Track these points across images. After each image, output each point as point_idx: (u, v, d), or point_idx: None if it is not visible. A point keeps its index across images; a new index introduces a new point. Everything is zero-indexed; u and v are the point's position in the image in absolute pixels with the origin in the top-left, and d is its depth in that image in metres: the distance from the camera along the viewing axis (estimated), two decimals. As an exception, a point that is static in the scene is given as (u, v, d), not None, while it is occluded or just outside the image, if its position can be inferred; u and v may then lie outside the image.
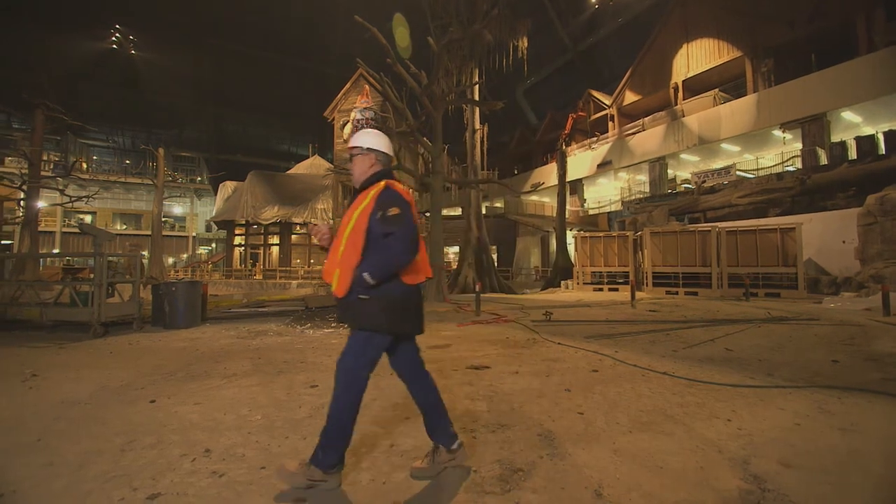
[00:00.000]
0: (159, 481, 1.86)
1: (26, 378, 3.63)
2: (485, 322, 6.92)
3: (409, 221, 1.79)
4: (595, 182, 31.12)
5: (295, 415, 2.70)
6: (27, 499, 1.73)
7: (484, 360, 4.18)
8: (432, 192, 12.40)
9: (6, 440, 2.32)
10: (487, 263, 16.97)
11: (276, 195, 24.16)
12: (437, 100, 12.05)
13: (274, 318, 7.64)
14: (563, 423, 2.50)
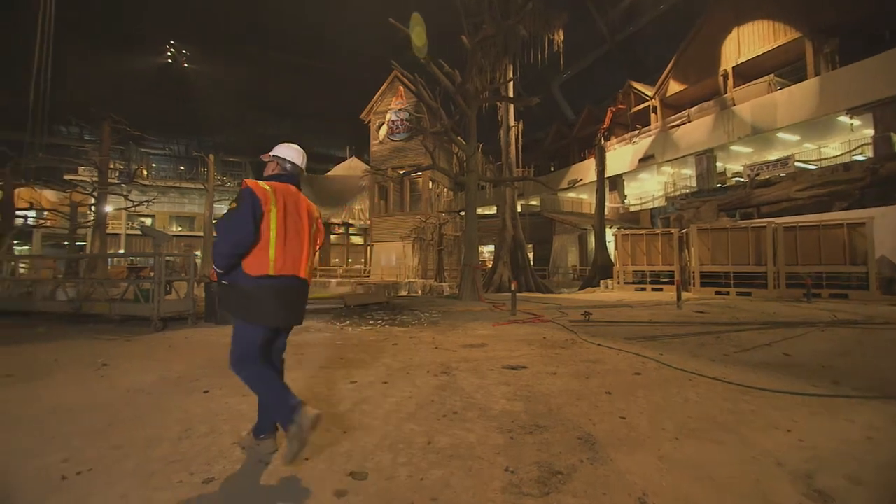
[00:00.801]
0: (213, 467, 1.99)
1: (98, 367, 3.98)
2: (521, 322, 6.83)
3: (231, 213, 1.95)
4: (636, 177, 29.89)
5: (335, 408, 2.79)
6: (102, 477, 1.90)
7: (521, 360, 4.13)
8: (467, 190, 12.38)
9: (83, 423, 2.56)
10: (523, 262, 16.74)
11: (316, 196, 25.03)
12: (470, 98, 12.01)
13: (315, 315, 7.93)
14: (604, 427, 2.42)
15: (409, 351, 4.64)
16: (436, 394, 3.07)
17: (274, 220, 1.98)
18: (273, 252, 1.98)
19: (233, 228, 1.94)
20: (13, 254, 19.07)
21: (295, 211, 2.10)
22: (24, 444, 2.26)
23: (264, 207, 1.97)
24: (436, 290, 15.85)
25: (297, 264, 2.09)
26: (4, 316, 7.47)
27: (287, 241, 2.03)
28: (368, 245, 23.98)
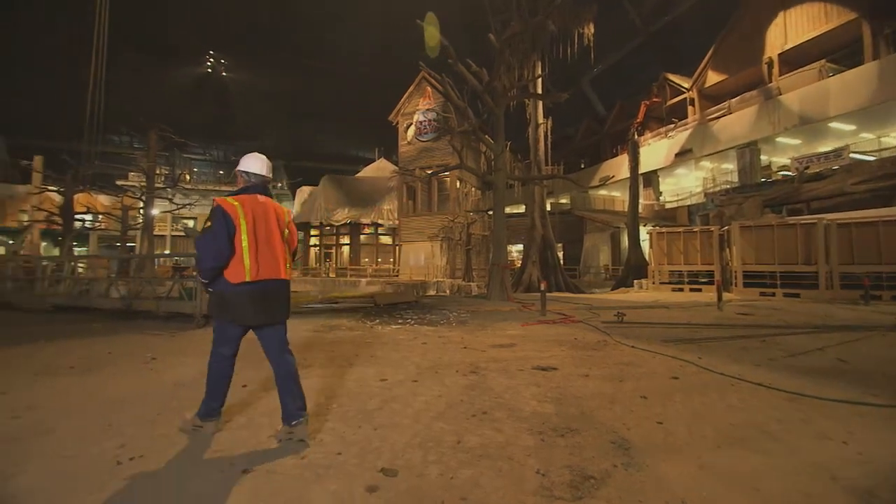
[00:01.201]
0: (252, 458, 2.07)
1: (147, 361, 4.24)
2: (551, 322, 6.72)
3: (206, 231, 2.19)
4: (672, 173, 28.70)
5: (366, 405, 2.84)
6: (152, 463, 2.02)
7: (551, 360, 4.06)
8: (495, 190, 12.29)
9: (135, 413, 2.73)
10: (553, 262, 16.45)
11: (347, 197, 25.59)
12: (498, 96, 11.92)
13: (346, 313, 8.11)
14: (639, 432, 2.34)
15: (438, 350, 4.66)
16: (465, 393, 3.07)
17: (245, 232, 2.21)
18: (248, 261, 2.21)
19: (210, 245, 2.17)
20: (73, 254, 20.62)
21: (264, 219, 2.30)
22: (86, 431, 2.43)
23: (235, 223, 2.19)
24: (464, 290, 15.85)
25: (275, 268, 2.30)
26: (66, 311, 8.09)
27: (259, 249, 2.24)
28: (397, 245, 24.27)
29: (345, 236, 26.53)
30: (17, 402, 2.96)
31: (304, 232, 28.97)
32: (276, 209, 2.41)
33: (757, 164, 22.30)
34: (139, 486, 1.82)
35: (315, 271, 26.16)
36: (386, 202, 25.15)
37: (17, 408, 2.83)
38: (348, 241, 26.40)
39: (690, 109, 26.92)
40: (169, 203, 22.53)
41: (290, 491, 1.77)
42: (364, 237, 26.47)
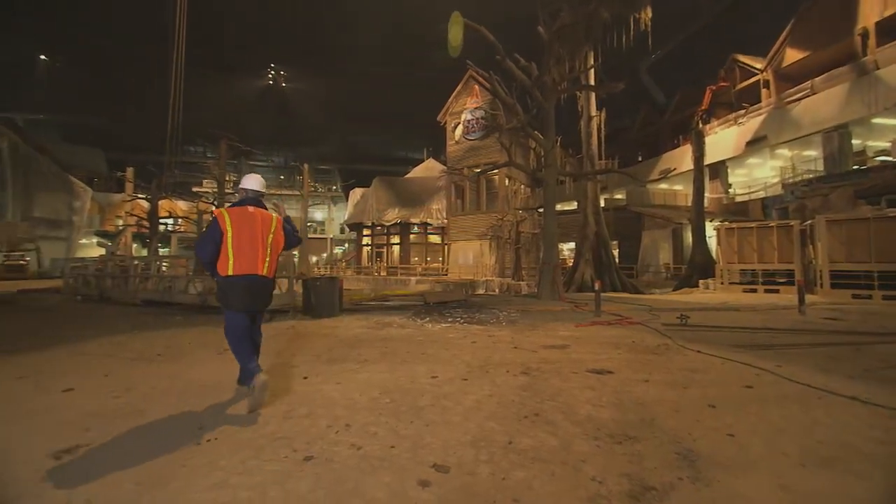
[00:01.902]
0: (312, 446, 2.19)
1: (221, 352, 4.63)
2: (606, 323, 6.43)
3: (202, 235, 2.94)
4: (743, 163, 26.29)
5: (418, 402, 2.89)
6: (225, 445, 2.21)
7: (607, 364, 3.89)
8: (545, 186, 11.99)
9: (210, 398, 3.00)
10: (607, 260, 15.73)
11: (397, 198, 26.24)
12: (548, 90, 11.60)
13: (397, 311, 8.32)
14: (707, 444, 2.18)
15: (487, 349, 4.64)
16: (516, 394, 3.03)
17: (230, 238, 2.85)
18: (232, 260, 2.85)
19: (201, 246, 2.96)
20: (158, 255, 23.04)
21: (248, 226, 2.92)
22: (170, 412, 2.72)
23: (222, 229, 2.85)
24: (513, 289, 15.63)
25: (253, 265, 2.91)
26: (153, 305, 9.06)
27: (241, 251, 2.87)
28: (446, 244, 24.48)
29: (395, 236, 27.22)
30: (117, 384, 3.36)
31: (357, 232, 30.12)
32: (264, 219, 3.03)
33: (847, 150, 19.78)
34: (213, 467, 1.99)
35: (367, 270, 27.11)
36: (435, 202, 25.45)
37: (117, 389, 3.23)
38: (398, 241, 27.05)
39: (764, 93, 24.46)
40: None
41: (348, 481, 1.84)
42: (414, 236, 26.98)
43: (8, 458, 2.09)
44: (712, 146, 23.89)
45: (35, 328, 6.48)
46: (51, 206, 26.35)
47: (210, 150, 45.15)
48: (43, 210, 25.88)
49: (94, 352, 4.62)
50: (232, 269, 2.85)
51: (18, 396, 3.09)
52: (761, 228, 12.24)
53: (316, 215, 47.59)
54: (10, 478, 1.90)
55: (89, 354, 4.50)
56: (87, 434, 2.36)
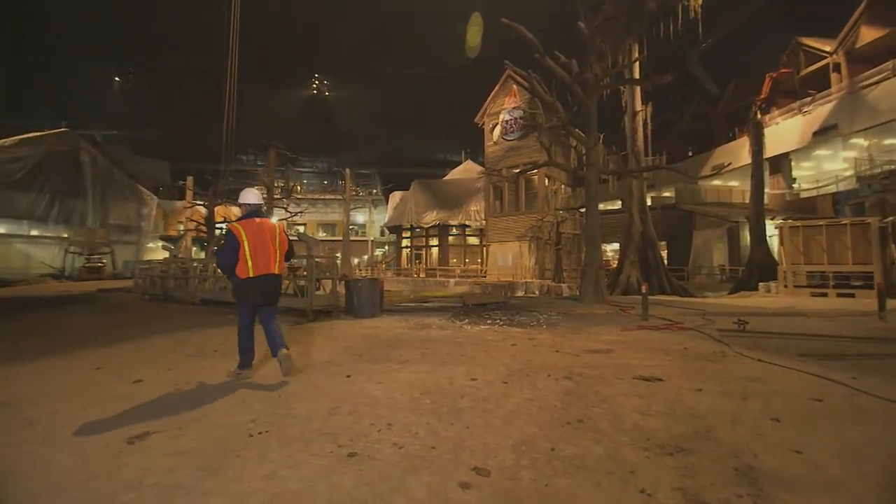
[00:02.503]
0: (356, 443, 2.25)
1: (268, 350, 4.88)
2: (654, 328, 6.12)
3: (222, 246, 3.51)
4: (809, 155, 24.09)
5: (458, 403, 2.89)
6: (275, 439, 2.32)
7: (655, 370, 3.70)
8: (587, 185, 11.62)
9: (262, 393, 3.16)
10: (655, 261, 14.98)
11: (435, 200, 26.46)
12: (589, 87, 11.25)
13: (436, 312, 8.38)
14: (770, 461, 2.01)
15: (528, 352, 4.56)
16: (558, 399, 2.95)
17: (247, 247, 3.39)
18: (250, 263, 3.39)
19: (223, 256, 3.48)
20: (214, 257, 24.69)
21: (259, 234, 3.46)
22: (226, 406, 2.90)
23: (239, 240, 3.39)
24: (554, 291, 15.27)
25: (268, 266, 3.47)
26: (209, 304, 9.71)
27: (256, 255, 3.41)
28: (484, 245, 24.36)
29: (434, 238, 27.46)
30: (179, 377, 3.63)
31: (397, 234, 30.70)
32: (269, 226, 3.58)
33: (937, 137, 17.58)
34: (264, 459, 2.10)
35: (406, 271, 27.53)
36: (473, 203, 25.41)
37: (179, 381, 3.49)
38: (437, 243, 27.26)
39: (834, 77, 22.31)
40: (285, 211, 25.68)
41: (391, 478, 1.88)
42: (452, 238, 27.09)
43: (90, 440, 2.32)
44: (773, 138, 22.11)
45: (110, 324, 7.15)
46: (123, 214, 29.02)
47: (260, 159, 47.77)
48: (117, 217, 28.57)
49: (159, 347, 5.02)
50: (252, 272, 3.40)
51: (98, 386, 3.42)
52: (832, 226, 11.16)
53: (357, 218, 49.03)
54: (91, 457, 2.10)
55: (155, 349, 4.90)
56: (155, 422, 2.57)
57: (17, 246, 23.49)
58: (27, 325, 7.18)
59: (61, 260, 24.61)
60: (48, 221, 24.55)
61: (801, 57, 24.92)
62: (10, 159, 22.99)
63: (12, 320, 7.56)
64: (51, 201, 24.57)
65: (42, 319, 7.88)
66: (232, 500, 1.73)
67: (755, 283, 13.59)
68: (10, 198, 22.85)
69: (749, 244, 15.77)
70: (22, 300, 11.85)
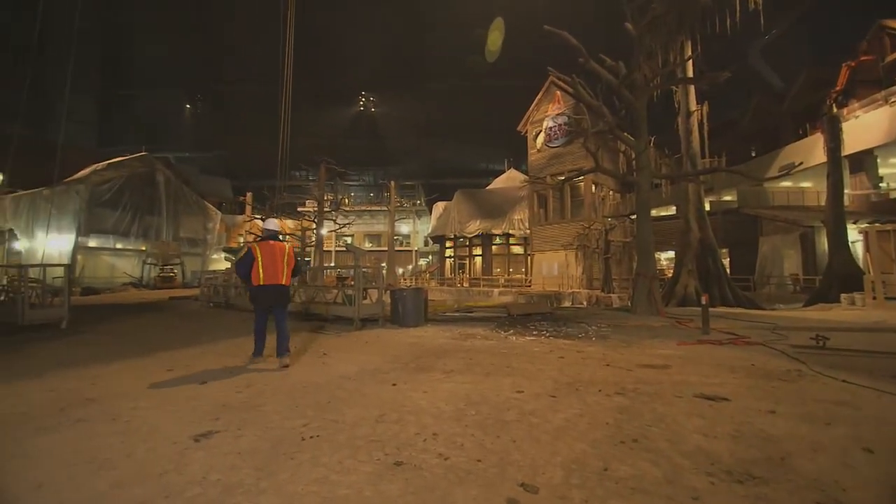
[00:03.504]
0: (402, 452, 2.27)
1: (321, 356, 5.08)
2: (716, 342, 5.67)
3: (241, 259, 4.53)
4: (899, 150, 21.45)
5: (504, 416, 2.83)
6: (325, 443, 2.40)
7: (719, 389, 3.41)
8: (637, 191, 11.11)
9: (313, 398, 3.29)
10: (715, 270, 13.95)
11: (478, 210, 26.49)
12: (638, 89, 10.81)
13: (480, 322, 8.32)
14: (862, 497, 1.77)
15: (576, 365, 4.39)
16: (610, 416, 2.80)
17: (260, 261, 4.41)
18: (261, 275, 4.41)
19: (241, 267, 4.50)
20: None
21: (270, 253, 4.48)
22: (282, 409, 3.04)
23: (254, 256, 4.43)
24: (603, 302, 14.64)
25: (276, 278, 4.48)
26: (266, 312, 10.30)
27: (266, 269, 4.42)
28: (529, 254, 23.94)
29: (477, 247, 27.42)
30: (240, 380, 3.87)
31: (440, 244, 30.98)
32: (280, 247, 4.59)
33: None
34: (316, 463, 2.17)
35: (450, 281, 27.64)
36: (516, 212, 25.15)
37: (239, 385, 3.71)
38: (480, 252, 27.18)
39: (928, 62, 19.81)
40: (334, 223, 26.84)
41: (436, 489, 1.87)
42: (496, 247, 26.90)
43: (160, 437, 2.52)
44: (853, 133, 19.97)
45: (179, 330, 7.79)
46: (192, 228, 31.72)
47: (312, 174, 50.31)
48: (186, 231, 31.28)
49: (222, 352, 5.39)
50: (262, 281, 4.41)
51: (168, 387, 3.72)
52: (931, 230, 9.82)
53: (402, 229, 50.11)
54: (163, 453, 2.28)
55: (218, 354, 5.26)
56: (217, 422, 2.75)
57: (104, 258, 26.37)
58: (114, 328, 7.99)
59: (139, 270, 27.29)
60: (129, 236, 27.35)
61: (885, 42, 22.42)
62: (101, 182, 25.98)
63: (102, 324, 8.46)
64: (132, 218, 27.40)
65: (124, 325, 8.75)
66: (286, 501, 1.80)
67: (836, 295, 12.21)
68: (100, 215, 25.76)
69: (827, 251, 14.27)
70: (108, 307, 13.24)
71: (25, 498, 1.87)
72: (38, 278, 9.11)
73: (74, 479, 2.02)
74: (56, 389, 3.61)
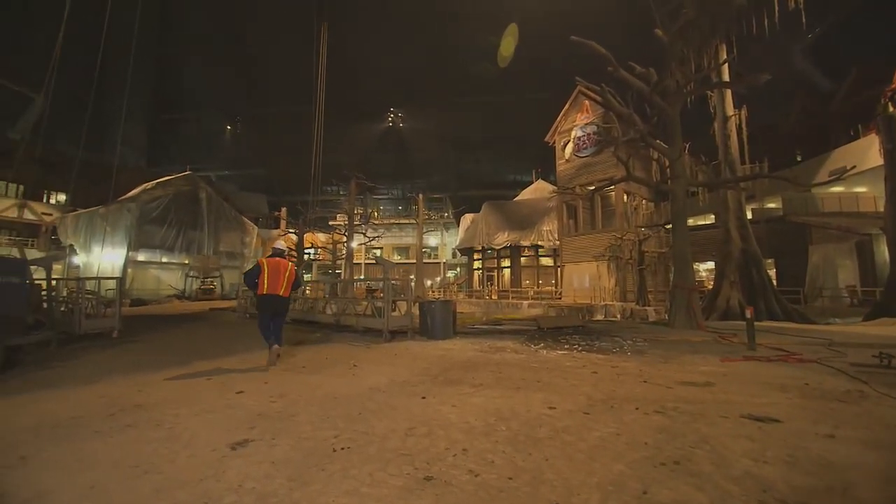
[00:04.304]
0: (432, 467, 2.24)
1: (351, 367, 5.14)
2: (764, 359, 5.32)
3: (249, 271, 5.40)
4: (967, 150, 19.64)
5: (535, 433, 2.76)
6: (356, 456, 2.41)
7: (769, 409, 3.18)
8: (673, 200, 10.74)
9: (343, 409, 3.32)
10: (760, 282, 13.18)
11: (506, 221, 26.34)
12: (671, 95, 10.54)
13: (510, 335, 8.19)
14: (944, 534, 1.59)
15: (611, 381, 4.23)
16: (649, 436, 2.67)
17: (265, 275, 5.23)
18: (265, 285, 5.22)
19: (248, 277, 5.40)
20: (303, 280, 27.03)
21: (274, 268, 5.30)
22: (314, 419, 3.09)
23: (260, 269, 5.25)
24: (638, 315, 14.10)
25: (276, 289, 5.26)
26: (299, 323, 10.58)
27: (269, 280, 5.23)
28: (558, 266, 23.49)
29: (505, 259, 27.18)
30: (274, 390, 3.97)
31: (468, 256, 30.94)
32: (284, 264, 5.41)
33: None
34: (346, 475, 2.18)
35: (478, 293, 27.46)
36: (545, 223, 24.82)
37: (273, 394, 3.81)
38: (509, 264, 26.92)
39: None
40: (363, 236, 27.42)
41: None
42: (524, 259, 26.57)
43: (200, 444, 2.61)
44: (912, 133, 18.51)
45: (218, 340, 8.11)
46: (230, 242, 33.27)
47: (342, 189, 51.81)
48: (225, 245, 32.82)
49: (257, 361, 5.56)
50: (266, 290, 5.24)
51: (207, 394, 3.87)
52: None
53: (430, 241, 50.46)
54: (202, 460, 2.36)
55: (253, 362, 5.43)
56: (253, 431, 2.82)
57: (151, 271, 28.04)
58: (159, 337, 8.44)
59: (182, 282, 28.79)
60: (174, 250, 28.98)
61: (944, 36, 20.81)
62: (150, 199, 27.82)
63: (149, 333, 8.95)
64: (177, 233, 29.06)
65: (169, 334, 9.22)
66: (318, 512, 1.81)
67: (900, 308, 11.21)
68: (149, 231, 27.50)
69: (888, 260, 13.19)
70: (154, 317, 14.00)
71: (79, 498, 1.98)
72: (94, 290, 9.78)
73: (123, 482, 2.13)
74: (107, 395, 3.83)
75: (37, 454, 2.50)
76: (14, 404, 3.61)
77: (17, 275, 5.56)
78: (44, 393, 3.98)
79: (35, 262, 7.46)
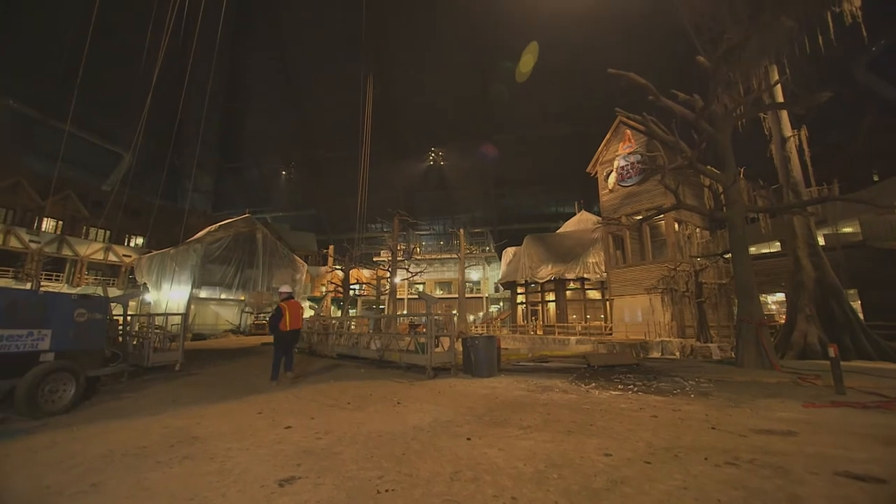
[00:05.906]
0: (479, 516, 2.12)
1: (395, 404, 5.09)
2: (857, 405, 4.65)
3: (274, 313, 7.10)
4: None
5: (591, 483, 2.54)
6: (400, 499, 2.33)
7: (872, 466, 2.74)
8: (730, 228, 10.08)
9: (387, 449, 3.26)
10: (843, 316, 11.78)
11: (549, 254, 25.81)
12: (719, 120, 10.15)
13: (557, 374, 7.80)
14: None
15: (673, 427, 3.86)
16: (723, 492, 2.37)
17: (288, 315, 6.95)
18: (288, 322, 6.95)
19: (273, 319, 7.02)
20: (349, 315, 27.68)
21: (293, 309, 7.04)
22: (358, 458, 3.05)
23: (283, 312, 6.94)
24: (700, 353, 12.97)
25: (297, 324, 7.04)
26: (344, 358, 10.74)
27: (291, 319, 6.97)
28: (607, 300, 22.42)
29: (550, 293, 26.39)
30: (320, 426, 4.00)
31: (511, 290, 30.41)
32: (296, 303, 7.09)
33: None
34: (393, 519, 2.10)
35: (523, 328, 26.67)
36: (591, 255, 24.04)
37: (319, 431, 3.83)
38: (554, 298, 26.08)
39: None
40: (406, 272, 27.90)
41: (517, 564, 1.69)
42: (570, 293, 25.66)
43: (249, 478, 2.65)
44: None
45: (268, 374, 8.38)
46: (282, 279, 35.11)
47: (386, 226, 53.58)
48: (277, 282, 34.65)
49: (305, 397, 5.67)
50: (288, 327, 6.86)
51: (257, 429, 3.96)
52: None
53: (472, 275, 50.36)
54: (251, 495, 2.39)
55: (301, 399, 5.53)
56: (299, 468, 2.83)
57: (211, 307, 30.05)
58: (217, 371, 8.88)
59: (238, 318, 30.50)
60: (232, 287, 31.01)
61: None
62: (213, 241, 30.29)
63: (208, 366, 9.45)
64: (235, 271, 31.20)
65: (225, 368, 9.68)
66: (362, 559, 1.75)
67: None
68: (211, 270, 29.74)
69: None
70: (213, 351, 14.82)
71: (138, 530, 2.05)
72: (161, 325, 10.58)
73: (178, 515, 2.19)
74: (170, 426, 4.04)
75: (106, 482, 2.66)
76: (90, 433, 3.90)
77: (101, 311, 6.15)
78: (116, 423, 4.27)
79: (115, 299, 8.24)
